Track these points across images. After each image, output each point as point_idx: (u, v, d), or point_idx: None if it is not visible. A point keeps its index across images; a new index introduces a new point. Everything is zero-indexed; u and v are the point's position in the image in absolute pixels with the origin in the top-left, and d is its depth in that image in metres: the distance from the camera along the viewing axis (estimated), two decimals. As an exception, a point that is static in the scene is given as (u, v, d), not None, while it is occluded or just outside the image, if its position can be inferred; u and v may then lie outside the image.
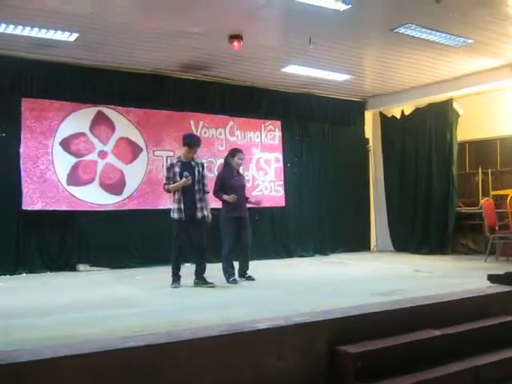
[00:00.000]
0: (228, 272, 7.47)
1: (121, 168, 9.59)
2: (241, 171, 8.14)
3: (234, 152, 7.86)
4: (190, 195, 7.13)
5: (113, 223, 9.41)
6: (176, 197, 7.15)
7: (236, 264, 7.66)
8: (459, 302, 5.56)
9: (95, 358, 3.47)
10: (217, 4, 6.94)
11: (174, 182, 7.12)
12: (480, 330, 5.21)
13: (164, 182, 7.36)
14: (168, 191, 7.28)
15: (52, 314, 5.29)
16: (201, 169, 7.31)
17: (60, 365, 3.38)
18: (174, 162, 7.29)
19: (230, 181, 7.68)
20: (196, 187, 7.17)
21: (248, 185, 8.97)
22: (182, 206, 7.10)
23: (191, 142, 7.39)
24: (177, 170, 7.15)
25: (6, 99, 8.74)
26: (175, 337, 3.92)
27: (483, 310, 5.61)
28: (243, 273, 7.68)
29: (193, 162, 7.27)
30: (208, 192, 7.38)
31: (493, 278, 6.63)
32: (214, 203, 7.86)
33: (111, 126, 9.54)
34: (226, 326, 4.27)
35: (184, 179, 7.05)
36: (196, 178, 7.17)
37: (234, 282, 7.39)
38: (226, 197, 7.52)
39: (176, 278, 7.13)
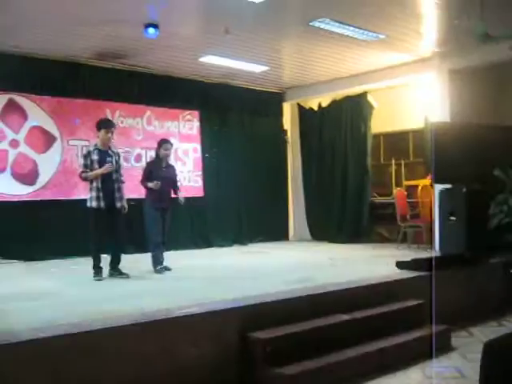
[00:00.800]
0: (157, 260, 7.51)
1: (34, 157, 9.28)
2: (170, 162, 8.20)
3: (161, 143, 7.92)
4: (108, 184, 6.98)
5: (26, 214, 9.07)
6: (94, 185, 6.94)
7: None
8: (368, 288, 5.79)
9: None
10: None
11: (92, 170, 6.96)
12: (386, 313, 5.44)
13: (81, 169, 7.15)
14: (85, 179, 7.06)
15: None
16: (117, 158, 7.21)
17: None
18: (91, 149, 7.10)
19: (158, 171, 7.69)
20: (114, 176, 7.05)
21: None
22: (101, 194, 6.92)
23: (107, 123, 7.30)
24: (95, 157, 6.97)
25: None
26: (85, 327, 3.90)
27: (391, 295, 5.86)
28: (161, 263, 7.66)
29: (110, 151, 7.14)
30: (124, 182, 7.30)
31: (401, 265, 6.95)
32: (136, 193, 8.02)
33: (23, 115, 9.20)
34: (138, 315, 4.28)
35: (107, 165, 6.90)
36: (114, 167, 7.08)
37: (163, 270, 7.43)
38: (150, 184, 7.52)
39: (98, 269, 6.91)
